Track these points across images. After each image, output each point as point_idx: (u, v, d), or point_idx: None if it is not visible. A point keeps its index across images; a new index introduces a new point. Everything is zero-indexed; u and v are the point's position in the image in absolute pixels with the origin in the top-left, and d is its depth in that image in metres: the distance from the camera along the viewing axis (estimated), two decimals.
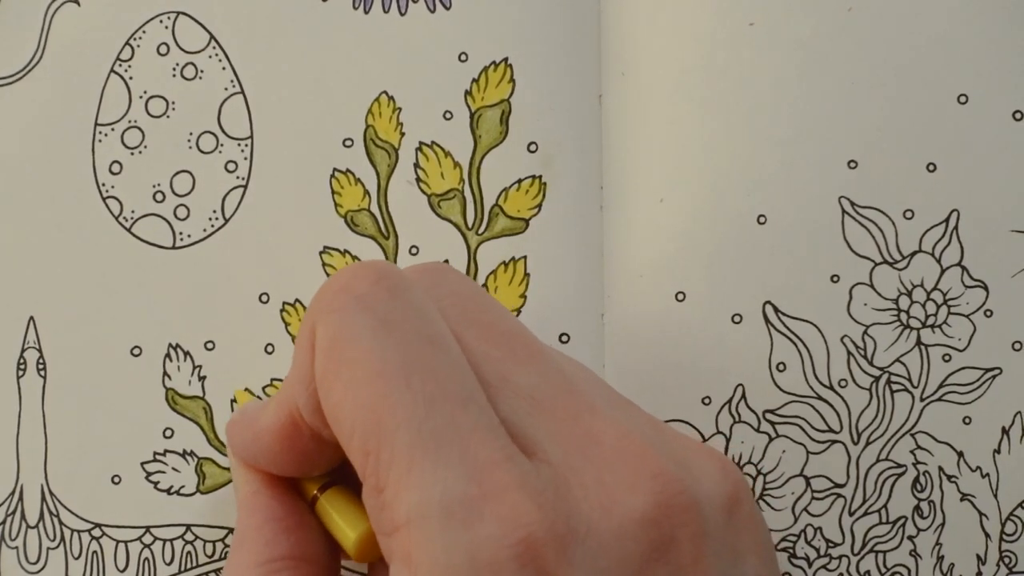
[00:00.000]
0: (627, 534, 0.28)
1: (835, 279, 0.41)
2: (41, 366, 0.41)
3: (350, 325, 0.30)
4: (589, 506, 0.29)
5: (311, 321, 0.32)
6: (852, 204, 0.41)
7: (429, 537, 0.27)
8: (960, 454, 0.41)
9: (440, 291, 0.33)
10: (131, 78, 0.42)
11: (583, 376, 0.33)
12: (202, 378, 0.41)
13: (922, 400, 0.41)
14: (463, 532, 0.27)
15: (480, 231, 0.42)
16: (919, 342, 0.41)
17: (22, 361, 0.41)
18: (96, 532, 0.41)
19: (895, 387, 0.41)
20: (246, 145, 0.42)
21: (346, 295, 0.31)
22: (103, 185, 0.41)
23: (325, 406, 0.31)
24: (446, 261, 0.42)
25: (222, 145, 0.42)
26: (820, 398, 0.41)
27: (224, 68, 0.42)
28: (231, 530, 0.41)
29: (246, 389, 0.41)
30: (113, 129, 0.42)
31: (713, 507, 0.30)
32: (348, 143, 0.42)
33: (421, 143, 0.42)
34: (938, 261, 0.41)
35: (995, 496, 0.41)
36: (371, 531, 0.34)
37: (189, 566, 0.41)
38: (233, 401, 0.41)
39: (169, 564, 0.41)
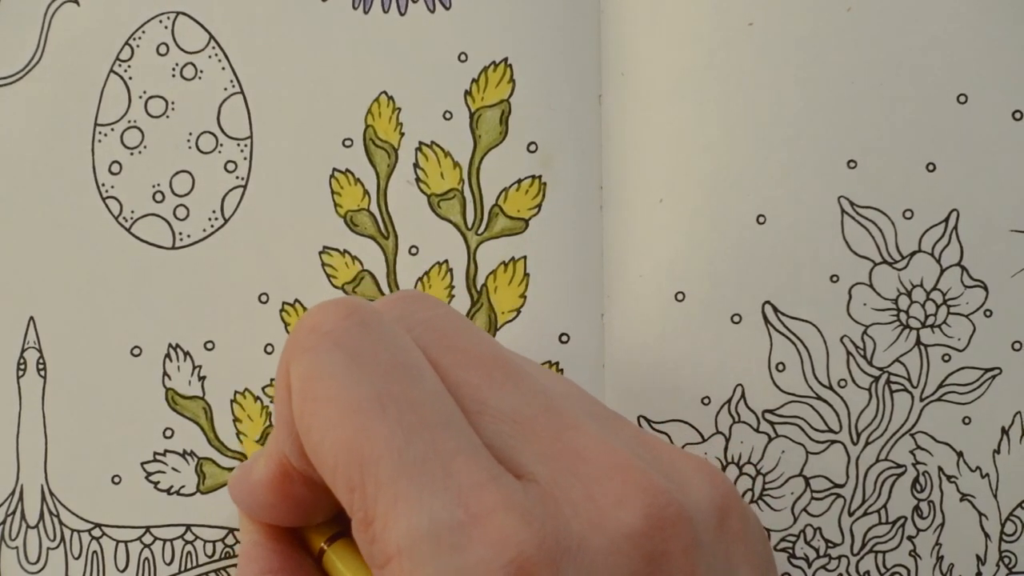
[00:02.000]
0: (619, 549, 0.28)
1: (834, 279, 0.41)
2: (41, 366, 0.41)
3: (321, 363, 0.30)
4: (579, 523, 0.28)
5: (285, 364, 0.32)
6: (851, 204, 0.41)
7: (420, 566, 0.27)
8: (960, 454, 0.41)
9: (413, 320, 0.33)
10: (131, 78, 0.42)
11: (565, 392, 0.33)
12: (202, 378, 0.41)
13: (922, 400, 0.41)
14: (453, 558, 0.27)
15: (480, 231, 0.42)
16: (919, 342, 0.41)
17: (22, 361, 0.41)
18: (96, 532, 0.41)
19: (895, 387, 0.41)
20: (246, 145, 0.42)
21: (316, 334, 0.31)
22: (103, 185, 0.41)
23: (307, 447, 0.31)
24: (445, 262, 0.41)
25: (222, 145, 0.42)
26: (819, 398, 0.41)
27: (224, 68, 0.42)
28: (231, 530, 0.41)
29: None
30: (113, 129, 0.42)
31: (704, 518, 0.30)
32: (348, 143, 0.42)
33: (421, 143, 0.42)
34: (938, 261, 0.41)
35: (995, 496, 0.41)
36: None
37: (189, 566, 0.41)
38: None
39: (169, 564, 0.41)
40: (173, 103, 0.42)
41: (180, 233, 0.42)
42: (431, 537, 0.27)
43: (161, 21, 0.42)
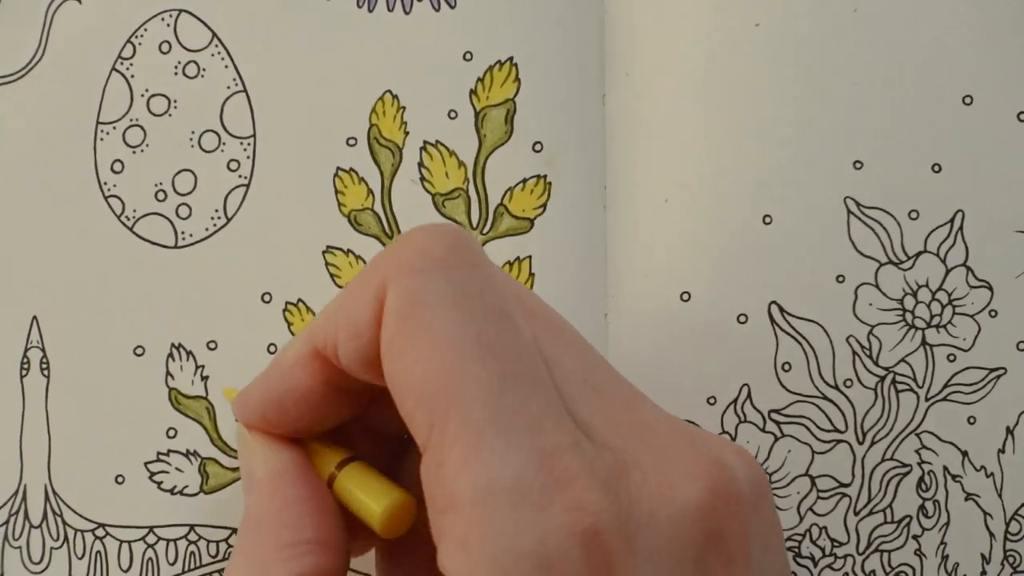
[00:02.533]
0: (686, 521, 0.28)
1: (840, 279, 0.41)
2: (44, 366, 0.41)
3: (428, 289, 0.30)
4: (649, 494, 0.28)
5: (381, 276, 0.30)
6: (858, 204, 0.41)
7: (496, 520, 0.27)
8: (965, 454, 0.42)
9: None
10: (133, 76, 0.42)
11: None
12: (205, 378, 0.41)
13: (927, 400, 0.41)
14: (532, 516, 0.27)
15: (485, 231, 0.42)
16: (924, 342, 0.42)
17: (25, 361, 0.41)
18: (100, 532, 0.41)
19: (900, 387, 0.41)
20: (248, 144, 0.42)
21: (423, 258, 0.30)
22: (105, 184, 0.41)
23: (390, 368, 0.30)
24: None
25: (224, 144, 0.42)
26: (825, 398, 0.41)
27: (226, 66, 0.42)
28: (235, 530, 0.41)
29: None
30: (115, 128, 0.42)
31: (749, 501, 0.30)
32: (352, 142, 0.42)
33: (425, 142, 0.42)
34: (943, 261, 0.41)
35: (999, 496, 0.42)
36: (398, 503, 0.33)
37: (192, 566, 0.41)
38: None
39: (172, 564, 0.41)
40: (176, 101, 0.42)
41: (183, 232, 0.41)
42: (512, 492, 0.27)
43: (163, 19, 0.42)
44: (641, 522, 0.28)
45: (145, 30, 0.42)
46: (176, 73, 0.42)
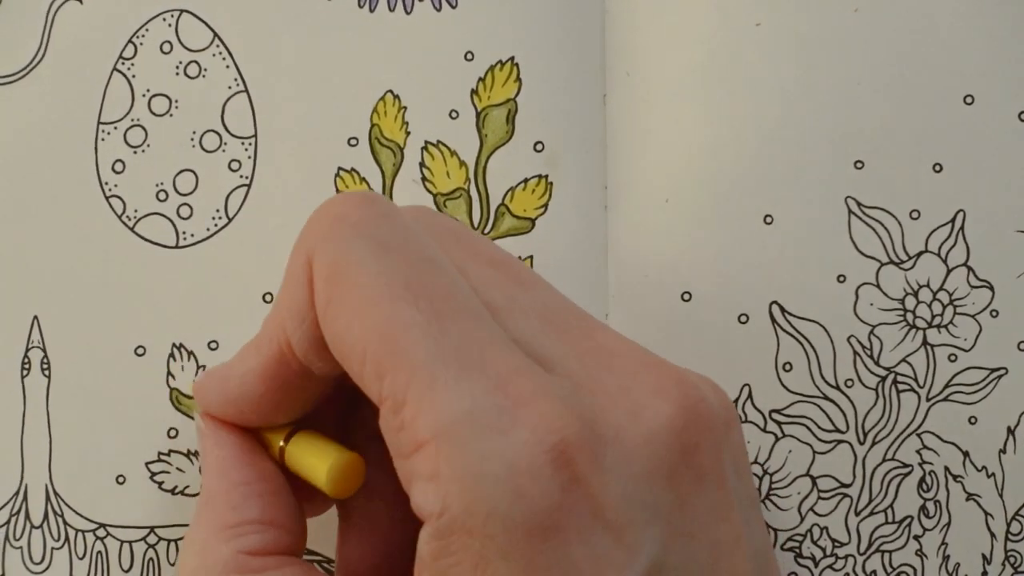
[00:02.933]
0: (656, 438, 0.29)
1: (841, 279, 0.41)
2: (45, 366, 0.41)
3: (350, 251, 0.30)
4: (616, 413, 0.29)
5: (305, 252, 0.31)
6: (859, 204, 0.41)
7: (461, 449, 0.27)
8: (966, 454, 0.41)
9: (435, 227, 0.33)
10: (134, 76, 0.42)
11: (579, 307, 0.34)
12: None
13: (928, 400, 0.41)
14: (496, 441, 0.27)
15: (486, 230, 0.42)
16: (925, 342, 0.41)
17: (26, 361, 0.41)
18: (101, 532, 0.41)
19: (901, 387, 0.41)
20: (250, 144, 0.42)
21: (340, 224, 0.31)
22: (106, 184, 0.41)
23: (330, 334, 0.30)
24: None
25: (226, 144, 0.42)
26: (826, 398, 0.41)
27: (228, 66, 0.42)
28: None
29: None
30: (116, 128, 0.42)
31: (720, 422, 0.31)
32: (353, 142, 0.42)
33: (427, 142, 0.42)
34: (944, 261, 0.41)
35: (1001, 496, 0.42)
36: (343, 461, 0.34)
37: None
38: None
39: (173, 564, 0.41)
40: (177, 101, 0.42)
41: (184, 232, 0.41)
42: (472, 420, 0.27)
43: (165, 19, 0.42)
44: (608, 439, 0.28)
45: (146, 30, 0.42)
46: (177, 73, 0.42)
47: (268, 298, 0.41)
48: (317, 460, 0.34)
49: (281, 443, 0.35)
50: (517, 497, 0.27)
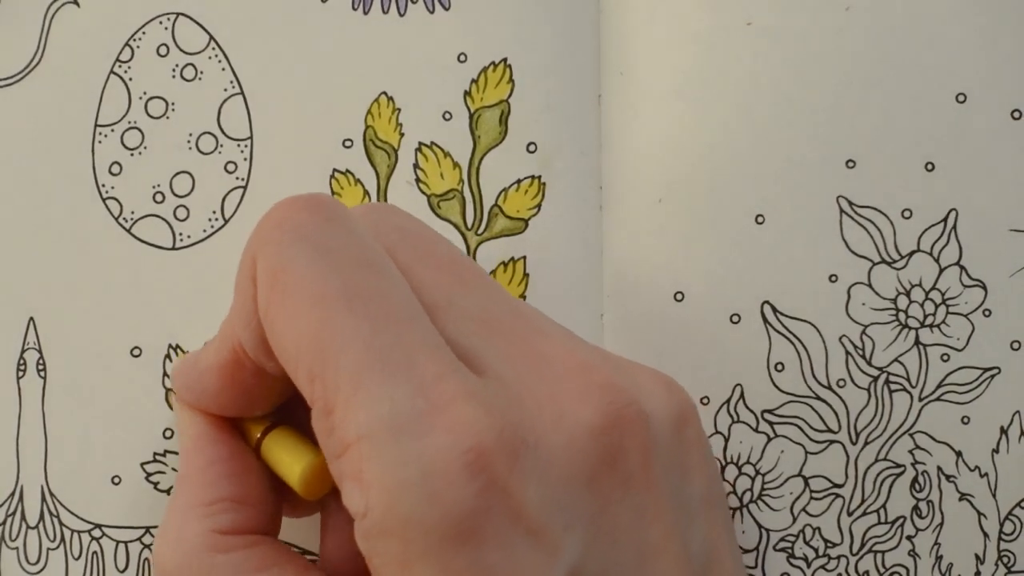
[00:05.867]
0: (577, 444, 0.29)
1: (833, 279, 0.41)
2: (41, 367, 0.41)
3: (289, 255, 0.31)
4: (540, 419, 0.29)
5: (251, 255, 0.32)
6: (850, 203, 0.41)
7: (380, 452, 0.27)
8: (959, 454, 0.41)
9: (385, 226, 0.34)
10: (131, 79, 0.42)
11: (530, 307, 0.34)
12: None
13: (920, 400, 0.41)
14: (413, 444, 0.27)
15: (479, 231, 0.42)
16: (917, 342, 0.41)
17: (22, 362, 0.41)
18: (96, 533, 0.41)
19: (893, 387, 0.41)
20: (246, 146, 0.42)
21: (283, 227, 0.32)
22: (103, 186, 0.42)
23: (270, 337, 0.31)
24: None
25: (222, 146, 0.42)
26: (818, 398, 0.41)
27: (224, 69, 0.42)
28: None
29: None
30: (113, 130, 0.42)
31: (661, 423, 0.31)
32: (348, 144, 0.42)
33: (420, 143, 0.42)
34: (936, 260, 0.41)
35: (994, 496, 0.41)
36: (315, 464, 0.34)
37: None
38: None
39: None
40: (173, 104, 0.42)
41: (180, 234, 0.42)
42: (391, 424, 0.28)
43: (161, 22, 0.42)
44: (529, 444, 0.28)
45: (143, 33, 0.42)
46: (174, 76, 0.42)
47: None
48: (291, 460, 0.35)
49: (259, 435, 0.36)
50: (432, 502, 0.27)
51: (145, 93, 0.42)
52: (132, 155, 0.42)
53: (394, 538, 0.27)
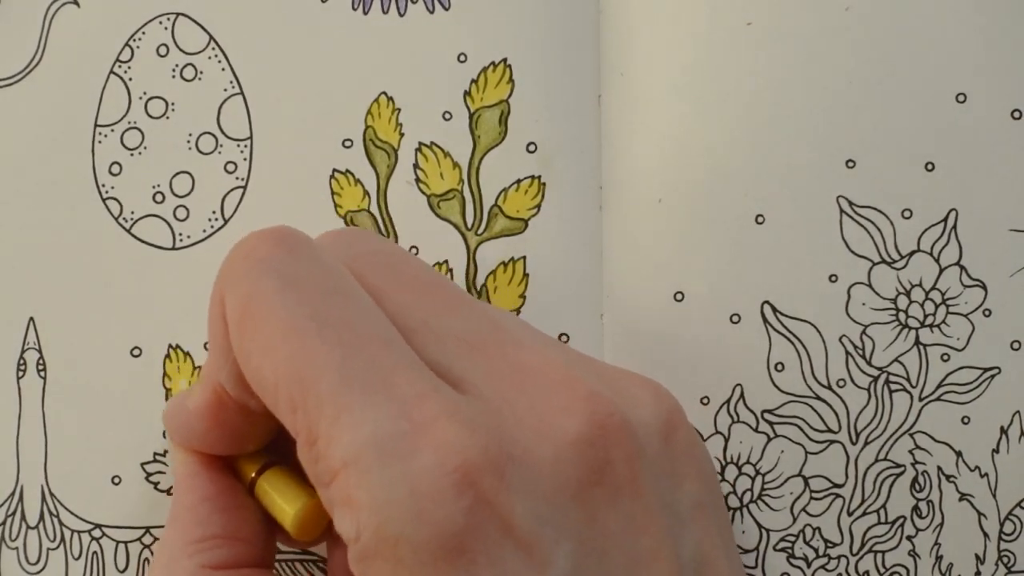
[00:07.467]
0: (563, 457, 0.29)
1: (833, 279, 0.41)
2: (41, 367, 0.41)
3: (256, 288, 0.31)
4: (524, 433, 0.29)
5: (219, 294, 0.32)
6: (850, 203, 0.41)
7: (367, 476, 0.27)
8: (959, 454, 0.41)
9: (355, 251, 0.34)
10: (131, 79, 0.42)
11: (510, 318, 0.34)
12: None
13: (921, 400, 0.41)
14: (399, 466, 0.27)
15: (479, 231, 0.42)
16: (918, 342, 0.41)
17: (22, 362, 0.41)
18: (96, 533, 0.41)
19: (894, 387, 0.41)
20: (245, 146, 0.42)
21: (248, 261, 0.32)
22: (103, 186, 0.42)
23: (247, 374, 0.31)
24: (445, 262, 0.41)
25: (221, 146, 0.42)
26: (818, 398, 0.41)
27: (223, 69, 0.42)
28: None
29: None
30: (113, 130, 0.42)
31: (648, 431, 0.31)
32: (347, 144, 0.42)
33: (420, 143, 0.42)
34: (936, 260, 0.41)
35: (994, 496, 0.41)
36: (309, 506, 0.34)
37: None
38: None
39: None
40: (173, 104, 0.42)
41: (180, 234, 0.42)
42: (376, 447, 0.28)
43: (161, 22, 0.42)
44: (515, 459, 0.28)
45: (143, 33, 0.42)
46: (174, 76, 0.42)
47: None
48: (284, 502, 0.35)
49: (253, 475, 0.36)
50: (421, 521, 0.27)
51: (145, 93, 0.42)
52: (132, 155, 0.42)
53: (386, 559, 0.28)
